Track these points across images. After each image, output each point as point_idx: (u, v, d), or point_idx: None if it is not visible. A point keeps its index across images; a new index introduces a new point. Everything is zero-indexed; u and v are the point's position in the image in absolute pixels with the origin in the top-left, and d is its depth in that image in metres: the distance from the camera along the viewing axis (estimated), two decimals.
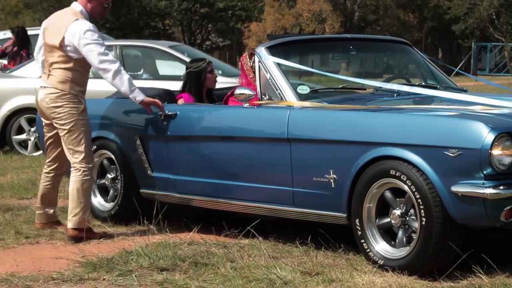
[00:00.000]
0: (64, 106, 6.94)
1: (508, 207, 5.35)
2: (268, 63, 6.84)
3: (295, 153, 6.36)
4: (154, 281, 5.71)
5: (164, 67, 13.26)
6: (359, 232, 6.02)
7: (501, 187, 5.36)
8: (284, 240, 6.56)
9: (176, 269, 5.98)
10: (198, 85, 7.74)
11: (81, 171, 6.98)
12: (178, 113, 7.17)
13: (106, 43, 12.82)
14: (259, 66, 6.84)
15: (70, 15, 7.03)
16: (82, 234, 6.90)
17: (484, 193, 5.35)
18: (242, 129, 6.82)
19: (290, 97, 6.56)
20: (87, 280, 5.81)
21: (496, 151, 5.37)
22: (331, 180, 6.16)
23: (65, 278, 5.85)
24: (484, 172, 5.39)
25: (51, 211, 7.39)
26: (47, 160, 7.36)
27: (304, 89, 6.69)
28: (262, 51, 6.94)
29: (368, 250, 5.98)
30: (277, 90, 6.68)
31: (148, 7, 43.03)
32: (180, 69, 12.28)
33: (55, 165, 7.32)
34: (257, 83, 6.82)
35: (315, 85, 6.98)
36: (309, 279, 5.65)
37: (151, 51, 13.38)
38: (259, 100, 6.71)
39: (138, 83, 11.57)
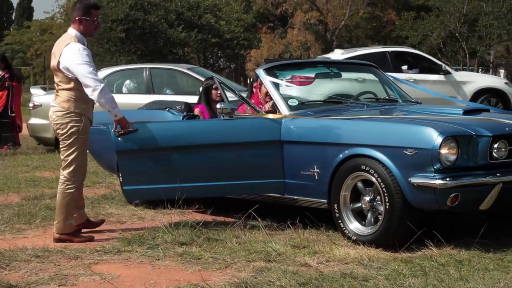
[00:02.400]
0: (67, 123, 6.15)
1: (453, 194, 5.36)
2: (265, 81, 6.83)
3: (287, 152, 6.35)
4: (175, 253, 5.70)
5: (184, 84, 13.28)
6: (337, 214, 6.01)
7: (448, 179, 5.36)
8: (278, 220, 6.55)
9: (193, 243, 5.97)
10: (206, 98, 7.73)
11: (65, 184, 6.21)
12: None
13: (138, 66, 12.86)
14: (252, 84, 6.85)
15: (65, 40, 6.25)
16: (64, 237, 6.22)
17: (434, 183, 5.35)
18: (247, 136, 6.43)
19: (283, 108, 6.54)
20: (123, 252, 5.81)
21: (443, 151, 5.37)
22: (315, 173, 6.15)
23: (106, 250, 5.85)
24: (435, 167, 5.39)
25: (81, 212, 6.54)
26: None
27: (293, 102, 6.67)
28: (261, 72, 6.92)
29: (344, 228, 5.97)
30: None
31: (171, 38, 43.03)
32: (196, 86, 12.29)
33: None
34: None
35: (302, 99, 6.95)
36: (298, 251, 5.65)
37: (173, 72, 13.38)
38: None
39: (163, 97, 11.67)
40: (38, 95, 13.61)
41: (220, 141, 6.46)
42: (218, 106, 6.48)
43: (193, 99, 9.43)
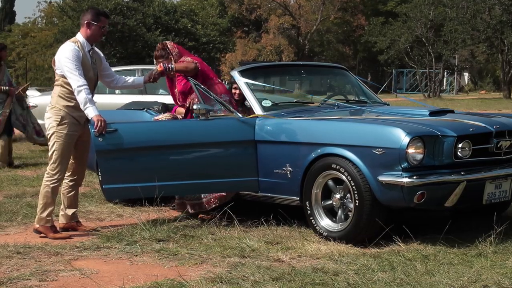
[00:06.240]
0: (50, 118, 6.16)
1: (419, 192, 5.37)
2: (240, 83, 6.81)
3: (260, 151, 6.33)
4: (153, 249, 5.67)
5: (158, 85, 13.21)
6: (309, 211, 6.01)
7: (414, 177, 5.37)
8: (252, 217, 6.54)
9: (170, 240, 5.95)
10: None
11: (46, 176, 6.20)
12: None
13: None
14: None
15: (67, 41, 6.33)
16: (40, 229, 6.20)
17: (402, 181, 5.36)
18: (222, 136, 6.38)
19: (257, 109, 6.53)
20: (102, 248, 5.77)
21: (410, 150, 5.39)
22: (288, 172, 6.14)
23: (86, 247, 5.81)
24: (402, 166, 5.40)
25: (71, 212, 6.46)
26: (68, 173, 6.40)
27: (267, 103, 6.66)
28: (235, 74, 6.90)
29: (316, 225, 5.97)
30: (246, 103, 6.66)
31: (149, 41, 42.93)
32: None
33: (74, 177, 6.45)
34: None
35: (275, 100, 6.95)
36: (271, 247, 5.64)
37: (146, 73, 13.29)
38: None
39: (141, 97, 11.57)
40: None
41: (196, 141, 6.40)
42: (194, 107, 6.42)
43: (166, 99, 9.39)
